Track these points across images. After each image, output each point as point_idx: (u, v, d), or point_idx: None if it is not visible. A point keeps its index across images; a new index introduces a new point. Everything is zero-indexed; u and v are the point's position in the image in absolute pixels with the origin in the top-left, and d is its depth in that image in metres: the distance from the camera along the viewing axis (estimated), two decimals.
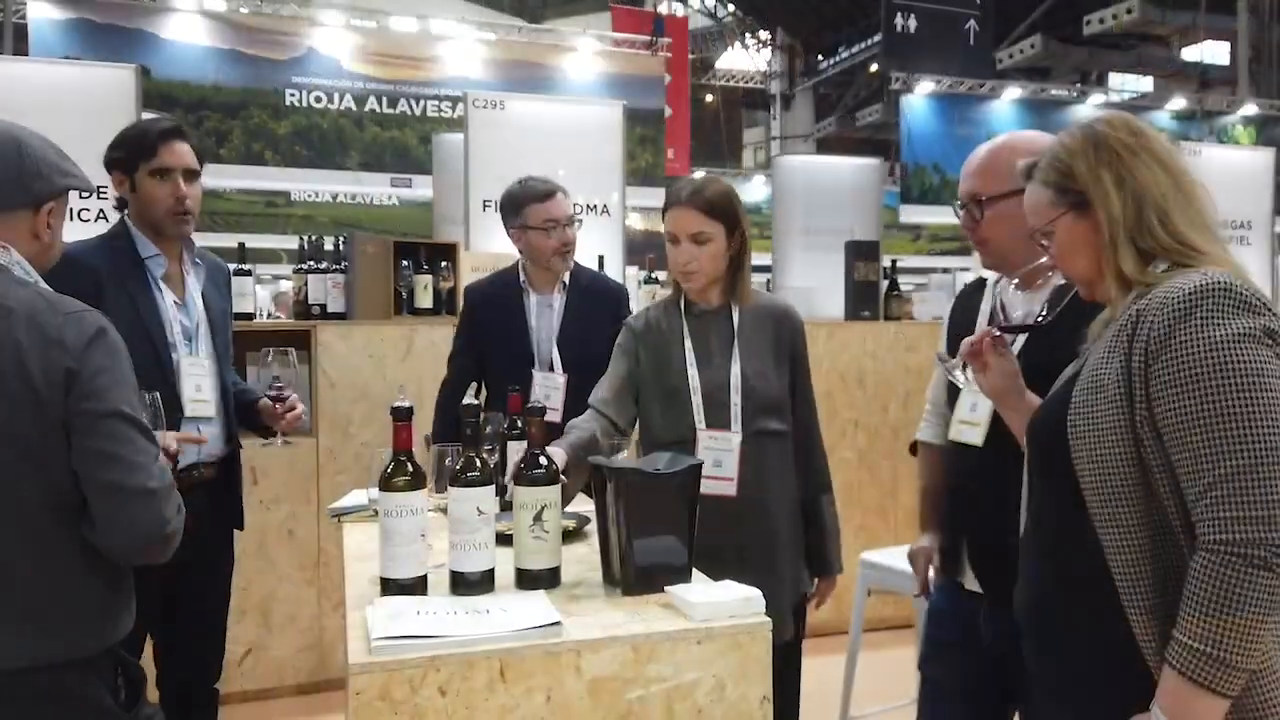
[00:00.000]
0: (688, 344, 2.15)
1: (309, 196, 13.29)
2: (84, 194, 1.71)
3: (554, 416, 2.69)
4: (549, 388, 2.73)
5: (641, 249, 5.16)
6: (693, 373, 2.12)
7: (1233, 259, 1.25)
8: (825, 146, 21.11)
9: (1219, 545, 1.10)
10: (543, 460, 1.63)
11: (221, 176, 10.29)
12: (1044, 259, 1.46)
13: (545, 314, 2.77)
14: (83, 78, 3.68)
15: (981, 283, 1.92)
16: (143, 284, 2.18)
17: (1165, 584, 1.18)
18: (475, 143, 4.06)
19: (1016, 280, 1.71)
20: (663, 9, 20.63)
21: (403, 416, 1.58)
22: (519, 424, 2.14)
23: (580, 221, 2.79)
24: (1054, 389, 1.38)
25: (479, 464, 1.59)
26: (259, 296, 3.61)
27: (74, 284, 1.64)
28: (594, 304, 2.78)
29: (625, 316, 2.57)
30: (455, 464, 1.60)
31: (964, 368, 1.62)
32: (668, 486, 1.64)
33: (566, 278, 2.79)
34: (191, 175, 2.21)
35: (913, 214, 12.23)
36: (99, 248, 2.18)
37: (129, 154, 2.18)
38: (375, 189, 11.25)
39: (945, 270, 17.88)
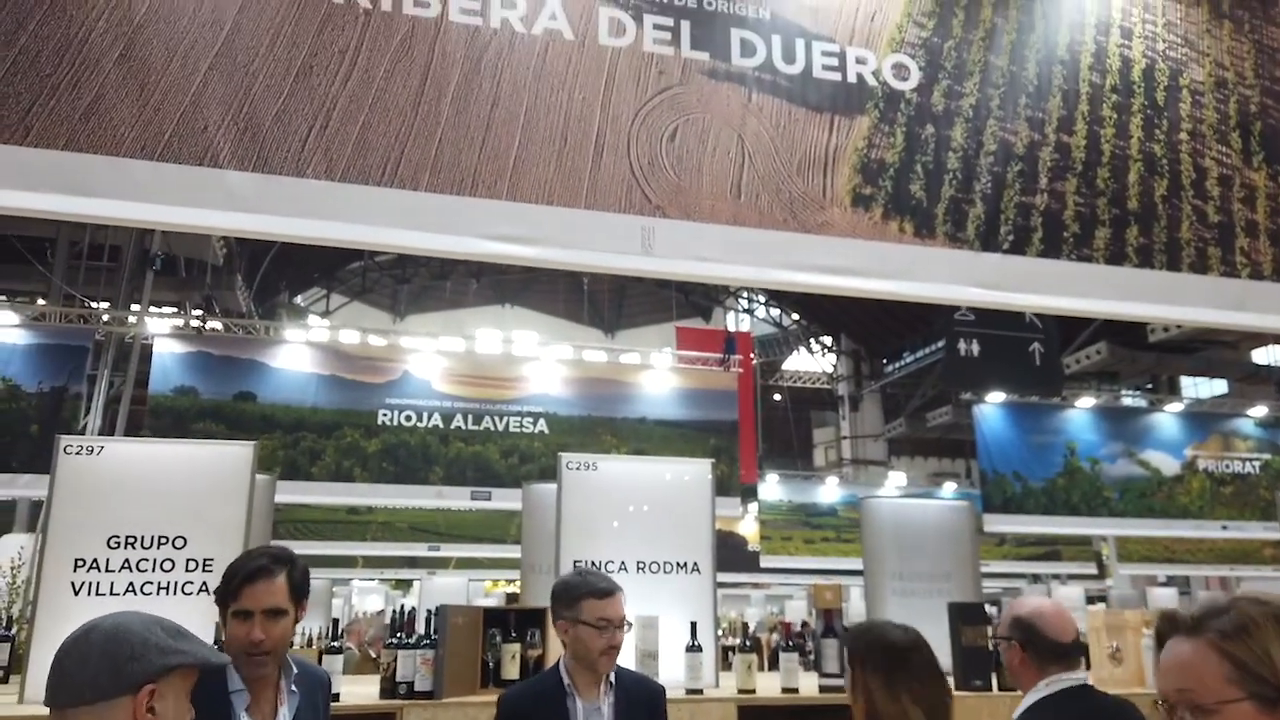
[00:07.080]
0: None
1: (390, 504, 13.65)
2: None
3: None
4: None
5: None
6: None
7: None
8: (896, 446, 21.25)
9: None
10: None
11: (310, 493, 10.65)
12: None
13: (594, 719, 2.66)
14: (203, 454, 3.90)
15: None
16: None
17: None
18: (568, 505, 4.11)
19: None
20: (729, 321, 21.87)
21: None
22: None
23: (630, 625, 2.74)
24: None
25: None
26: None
27: None
28: (639, 706, 2.72)
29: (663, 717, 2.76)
30: None
31: None
32: None
33: (612, 677, 2.70)
34: (276, 614, 2.21)
35: (996, 523, 11.89)
36: None
37: (221, 593, 2.24)
38: (456, 501, 11.46)
39: (1036, 577, 17.13)
